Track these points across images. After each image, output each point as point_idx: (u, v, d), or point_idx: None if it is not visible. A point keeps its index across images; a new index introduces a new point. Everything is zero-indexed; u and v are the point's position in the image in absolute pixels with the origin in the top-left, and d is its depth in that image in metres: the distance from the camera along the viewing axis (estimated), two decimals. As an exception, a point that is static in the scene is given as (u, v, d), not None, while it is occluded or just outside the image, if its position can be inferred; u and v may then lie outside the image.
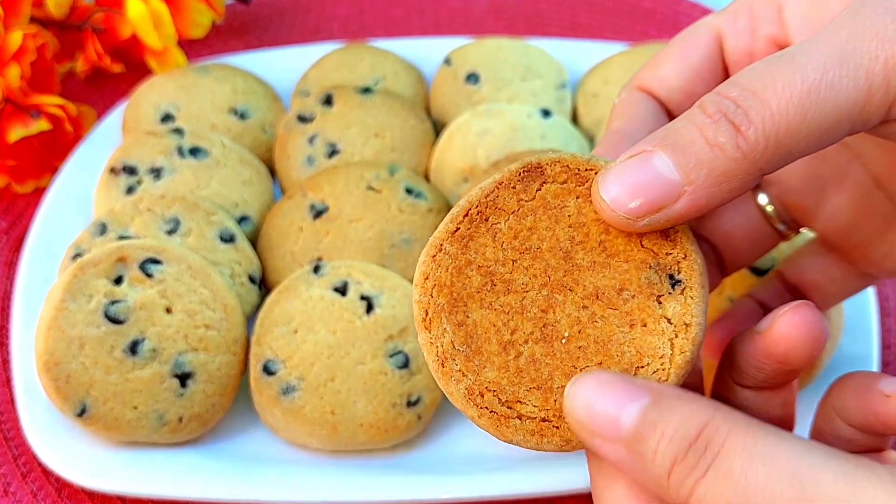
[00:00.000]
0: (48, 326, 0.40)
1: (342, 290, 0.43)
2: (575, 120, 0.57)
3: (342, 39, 0.67)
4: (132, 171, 0.49)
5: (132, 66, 0.60)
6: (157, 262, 0.42)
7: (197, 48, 0.64)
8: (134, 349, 0.41)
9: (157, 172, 0.49)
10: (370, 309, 0.43)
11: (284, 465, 0.41)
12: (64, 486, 0.42)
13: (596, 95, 0.56)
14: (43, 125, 0.51)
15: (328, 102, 0.53)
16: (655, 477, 0.21)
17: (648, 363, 0.24)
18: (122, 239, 0.44)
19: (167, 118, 0.53)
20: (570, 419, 0.23)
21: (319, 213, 0.48)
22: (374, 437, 0.41)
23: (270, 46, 0.64)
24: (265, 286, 0.48)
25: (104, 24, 0.57)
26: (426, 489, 0.40)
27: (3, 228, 0.53)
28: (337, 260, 0.45)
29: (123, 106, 0.55)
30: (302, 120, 0.53)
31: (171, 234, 0.45)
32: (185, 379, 0.41)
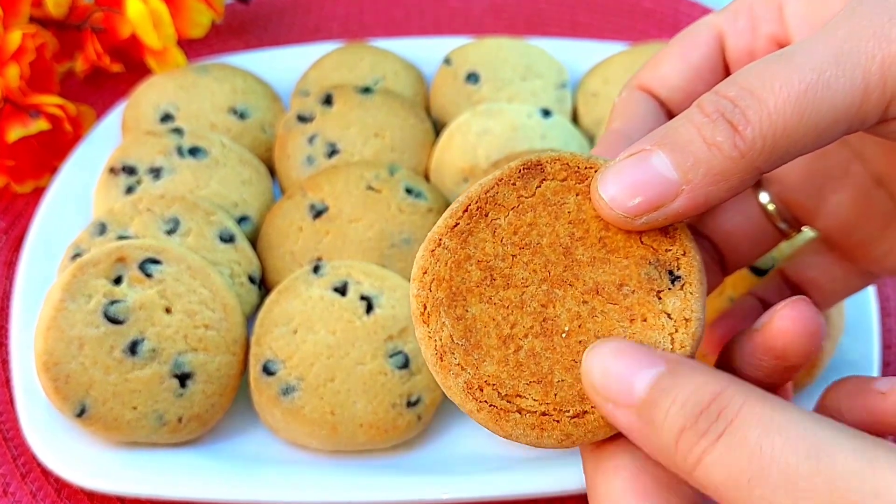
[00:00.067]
0: (47, 326, 0.40)
1: (342, 290, 0.43)
2: (575, 120, 0.57)
3: (342, 39, 0.67)
4: (132, 170, 0.49)
5: (131, 65, 0.60)
6: (156, 262, 0.42)
7: (196, 48, 0.64)
8: (133, 349, 0.41)
9: (156, 172, 0.49)
10: (370, 309, 0.43)
11: (284, 465, 0.41)
12: (63, 486, 0.42)
13: (596, 95, 0.56)
14: (42, 125, 0.51)
15: (328, 102, 0.53)
16: (663, 444, 0.21)
17: None
18: (121, 239, 0.44)
19: (167, 118, 0.53)
20: (584, 383, 0.23)
21: (319, 212, 0.47)
22: (373, 437, 0.41)
23: (270, 46, 0.64)
24: (265, 286, 0.48)
25: (103, 23, 0.57)
26: (426, 489, 0.40)
27: (2, 228, 0.53)
28: (337, 260, 0.45)
29: (123, 106, 0.55)
30: (302, 120, 0.53)
31: (170, 234, 0.45)
32: (184, 379, 0.41)
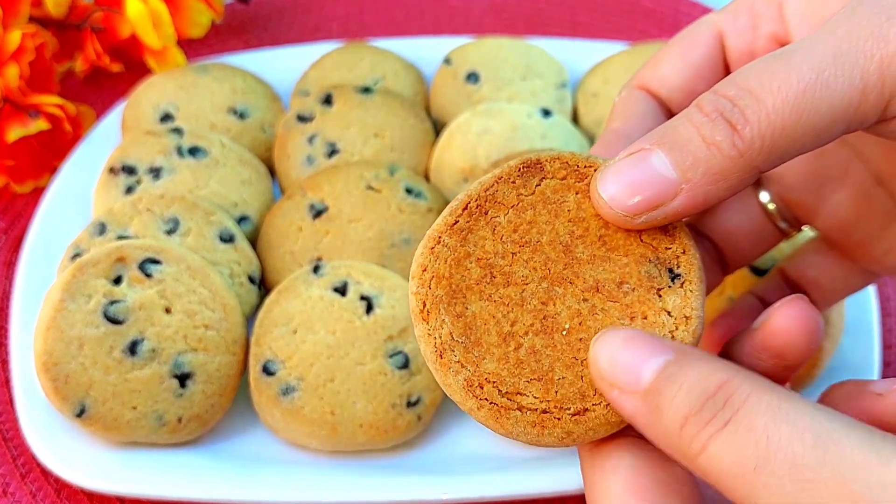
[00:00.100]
0: (47, 327, 0.40)
1: (342, 290, 0.43)
2: (575, 119, 0.57)
3: (342, 39, 0.66)
4: (131, 170, 0.49)
5: (131, 65, 0.60)
6: (156, 262, 0.42)
7: (196, 48, 0.64)
8: (133, 349, 0.41)
9: (156, 172, 0.49)
10: (370, 309, 0.43)
11: (284, 465, 0.41)
12: (63, 486, 0.42)
13: (596, 95, 0.56)
14: (42, 125, 0.51)
15: (328, 102, 0.53)
16: (667, 430, 0.21)
17: None
18: (121, 239, 0.44)
19: (166, 118, 0.53)
20: (591, 370, 0.23)
21: (319, 212, 0.47)
22: (373, 437, 0.41)
23: (270, 46, 0.64)
24: (265, 286, 0.48)
25: (103, 23, 0.57)
26: (426, 490, 0.39)
27: (1, 228, 0.53)
28: (337, 260, 0.45)
29: (122, 105, 0.55)
30: (301, 119, 0.53)
31: (170, 233, 0.45)
32: (184, 379, 0.41)
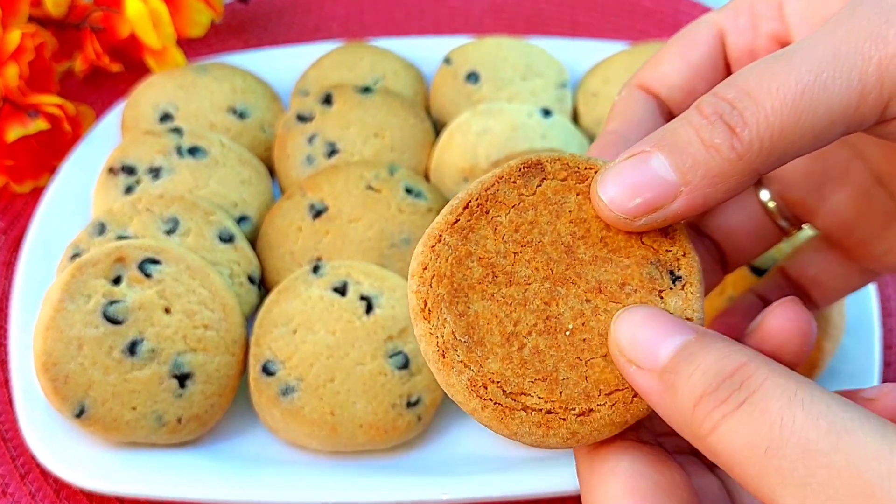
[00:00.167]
0: (46, 327, 0.40)
1: (342, 290, 0.43)
2: (575, 119, 0.57)
3: (342, 39, 0.66)
4: (131, 170, 0.49)
5: (131, 65, 0.60)
6: (155, 262, 0.42)
7: (196, 47, 0.64)
8: (133, 350, 0.40)
9: (155, 172, 0.48)
10: (370, 309, 0.42)
11: (284, 465, 0.41)
12: (62, 486, 0.42)
13: (596, 95, 0.56)
14: (41, 125, 0.50)
15: (327, 102, 0.53)
16: (680, 408, 0.21)
17: None
18: (120, 239, 0.44)
19: (166, 118, 0.53)
20: (610, 345, 0.24)
21: (319, 212, 0.47)
22: (373, 437, 0.41)
23: (270, 46, 0.64)
24: (264, 286, 0.48)
25: (103, 23, 0.57)
26: (426, 490, 0.39)
27: (1, 228, 0.53)
28: (336, 260, 0.45)
29: (122, 105, 0.55)
30: (301, 119, 0.53)
31: (169, 233, 0.45)
32: (183, 379, 0.41)
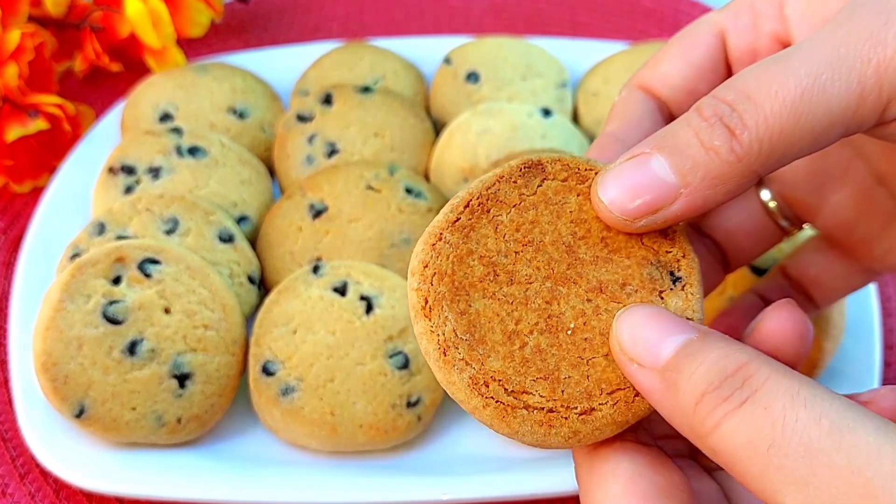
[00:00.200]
0: (46, 327, 0.40)
1: (342, 290, 0.43)
2: (575, 119, 0.57)
3: (341, 38, 0.66)
4: (130, 170, 0.49)
5: (131, 65, 0.60)
6: (155, 262, 0.42)
7: (196, 47, 0.64)
8: (132, 350, 0.40)
9: (155, 172, 0.48)
10: (370, 309, 0.42)
11: (284, 466, 0.41)
12: (62, 487, 0.42)
13: (596, 94, 0.56)
14: (41, 125, 0.50)
15: (327, 102, 0.53)
16: (682, 406, 0.21)
17: None
18: (120, 239, 0.44)
19: (166, 117, 0.53)
20: (612, 344, 0.24)
21: (319, 212, 0.47)
22: (373, 437, 0.41)
23: (270, 45, 0.64)
24: (264, 286, 0.48)
25: (102, 22, 0.57)
26: (426, 490, 0.39)
27: (0, 228, 0.53)
28: (336, 260, 0.45)
29: (122, 105, 0.55)
30: (301, 119, 0.53)
31: (169, 233, 0.45)
32: (183, 380, 0.41)
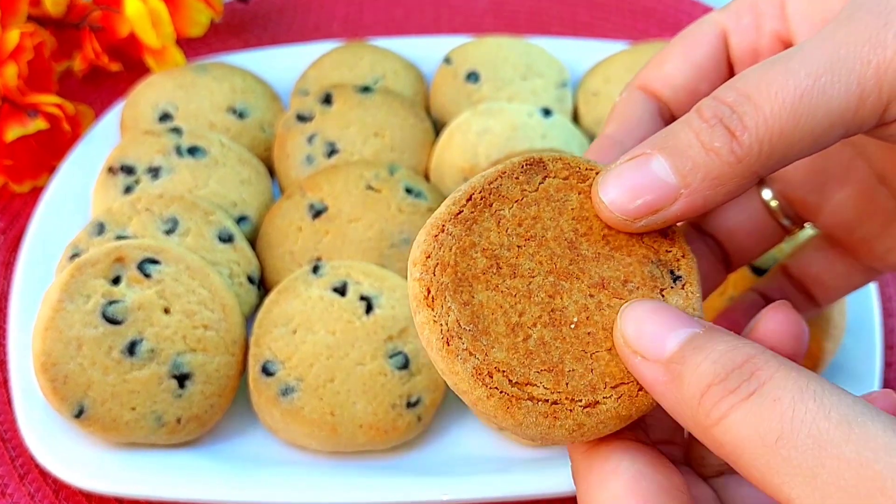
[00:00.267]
0: (45, 327, 0.40)
1: (341, 290, 0.43)
2: (576, 119, 0.57)
3: (341, 38, 0.66)
4: (130, 170, 0.49)
5: (130, 64, 0.60)
6: (155, 262, 0.42)
7: (195, 47, 0.63)
8: (132, 350, 0.40)
9: (155, 172, 0.48)
10: (370, 309, 0.42)
11: (283, 466, 0.41)
12: (61, 487, 0.42)
13: (597, 94, 0.56)
14: (40, 124, 0.50)
15: (327, 101, 0.53)
16: (686, 398, 0.21)
17: None
18: (119, 239, 0.44)
19: (165, 117, 0.53)
20: (615, 337, 0.24)
21: (318, 212, 0.47)
22: (373, 438, 0.41)
23: (269, 45, 0.64)
24: (264, 286, 0.48)
25: (102, 22, 0.57)
26: (426, 491, 0.39)
27: (0, 228, 0.53)
28: (336, 260, 0.45)
29: (121, 105, 0.55)
30: (301, 119, 0.53)
31: (169, 233, 0.45)
32: (183, 380, 0.41)
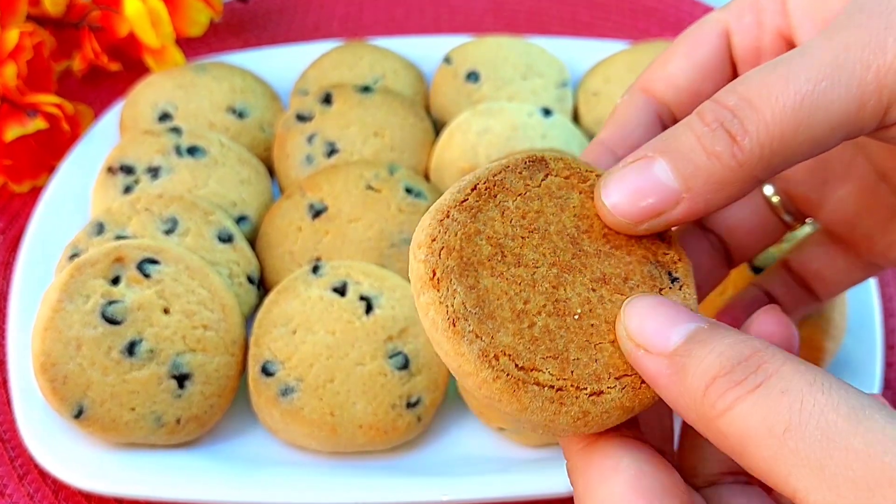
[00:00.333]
0: (45, 327, 0.40)
1: (341, 290, 0.43)
2: (576, 119, 0.57)
3: (341, 38, 0.66)
4: (129, 170, 0.48)
5: (130, 64, 0.60)
6: (154, 262, 0.42)
7: (195, 46, 0.63)
8: (131, 350, 0.40)
9: (154, 172, 0.48)
10: (369, 309, 0.42)
11: (283, 466, 0.41)
12: (61, 487, 0.42)
13: (597, 94, 0.56)
14: (40, 124, 0.50)
15: (327, 101, 0.53)
16: (690, 390, 0.21)
17: None
18: (119, 239, 0.44)
19: (165, 117, 0.53)
20: (618, 330, 0.24)
21: (318, 212, 0.47)
22: (373, 438, 0.41)
23: (269, 45, 0.64)
24: (264, 286, 0.47)
25: (101, 22, 0.57)
26: (426, 491, 0.39)
27: (0, 228, 0.53)
28: (336, 260, 0.45)
29: (121, 105, 0.55)
30: (301, 119, 0.52)
31: (168, 233, 0.45)
32: (182, 380, 0.41)
